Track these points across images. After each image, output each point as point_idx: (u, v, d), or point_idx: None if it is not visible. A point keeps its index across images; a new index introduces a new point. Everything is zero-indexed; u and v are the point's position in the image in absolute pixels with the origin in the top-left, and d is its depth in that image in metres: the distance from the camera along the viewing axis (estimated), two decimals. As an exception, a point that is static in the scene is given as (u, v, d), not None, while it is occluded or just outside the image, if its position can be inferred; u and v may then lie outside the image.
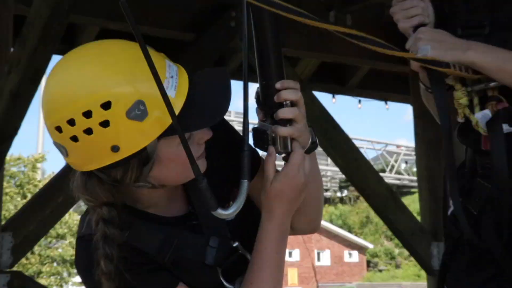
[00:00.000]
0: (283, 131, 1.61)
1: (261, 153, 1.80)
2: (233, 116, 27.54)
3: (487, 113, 1.78)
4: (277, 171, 1.69)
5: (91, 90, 1.46)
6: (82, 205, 30.02)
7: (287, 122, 1.61)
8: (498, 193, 1.77)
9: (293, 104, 1.61)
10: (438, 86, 1.82)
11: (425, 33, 1.82)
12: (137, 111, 1.47)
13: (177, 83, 1.55)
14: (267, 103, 1.64)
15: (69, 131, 1.48)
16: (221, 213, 1.56)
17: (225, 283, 1.75)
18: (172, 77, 1.53)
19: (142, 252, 1.68)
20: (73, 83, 1.49)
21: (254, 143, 1.68)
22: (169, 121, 1.49)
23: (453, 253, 1.95)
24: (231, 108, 5.23)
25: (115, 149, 1.50)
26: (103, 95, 1.45)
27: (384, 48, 1.71)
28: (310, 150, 1.69)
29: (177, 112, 1.46)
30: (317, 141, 1.72)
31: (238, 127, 1.97)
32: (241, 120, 1.72)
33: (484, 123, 1.78)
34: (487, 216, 1.82)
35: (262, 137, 1.64)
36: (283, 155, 1.65)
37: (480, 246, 1.84)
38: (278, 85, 1.64)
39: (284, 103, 1.61)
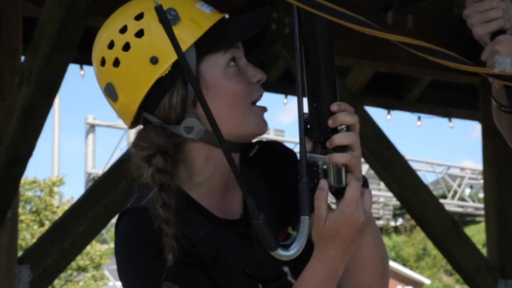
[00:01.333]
0: (339, 158, 1.56)
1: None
2: (272, 133, 27.28)
3: None
4: (329, 207, 1.66)
5: (125, 8, 1.75)
6: (104, 234, 30.80)
7: (342, 150, 1.57)
8: None
9: (348, 129, 1.58)
10: None
11: (505, 44, 1.80)
12: (169, 16, 1.63)
13: (213, 10, 1.74)
14: (318, 129, 1.60)
15: (110, 56, 1.71)
16: (282, 254, 1.54)
17: None
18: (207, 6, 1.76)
19: (186, 238, 1.74)
20: (111, 16, 1.80)
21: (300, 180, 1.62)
22: (204, 29, 1.69)
23: None
24: (270, 125, 5.17)
25: (153, 60, 1.68)
26: (136, 8, 1.72)
27: (455, 62, 1.66)
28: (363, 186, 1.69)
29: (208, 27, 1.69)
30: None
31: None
32: (281, 139, 1.69)
33: None
34: None
35: (312, 170, 1.59)
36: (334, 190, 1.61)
37: None
38: (334, 107, 1.61)
39: (339, 127, 1.57)
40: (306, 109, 1.65)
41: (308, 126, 1.63)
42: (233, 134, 1.77)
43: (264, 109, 1.80)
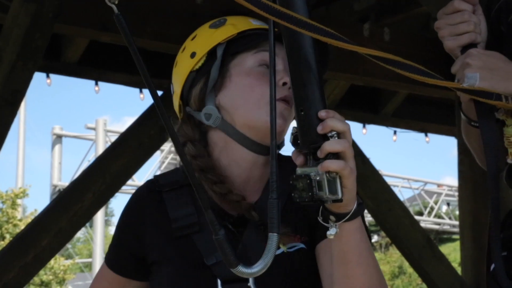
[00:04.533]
0: (331, 164, 1.53)
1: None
2: None
3: None
4: None
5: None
6: (69, 248, 30.46)
7: (335, 157, 1.55)
8: None
9: (339, 136, 1.57)
10: (487, 121, 1.82)
11: (475, 58, 1.80)
12: (217, 23, 2.00)
13: (261, 23, 2.00)
14: (308, 139, 1.58)
15: (175, 60, 2.06)
16: (244, 271, 1.55)
17: None
18: None
19: (165, 213, 1.99)
20: None
21: (294, 197, 1.60)
22: (239, 29, 1.97)
23: None
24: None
25: (192, 55, 1.98)
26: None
27: (425, 76, 1.68)
28: (357, 212, 1.67)
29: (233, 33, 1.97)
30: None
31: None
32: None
33: None
34: None
35: (305, 184, 1.56)
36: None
37: None
38: (322, 113, 1.60)
39: (330, 134, 1.56)
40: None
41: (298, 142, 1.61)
42: (245, 124, 1.93)
43: (283, 105, 1.89)
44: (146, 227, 2.05)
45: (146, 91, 6.96)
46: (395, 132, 8.30)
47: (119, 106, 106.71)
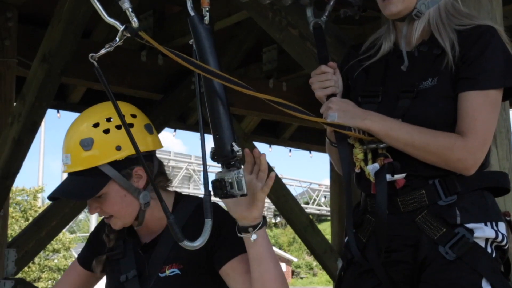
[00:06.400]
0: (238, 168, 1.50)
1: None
2: (194, 159, 26.27)
3: (376, 166, 1.72)
4: None
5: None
6: (73, 226, 29.36)
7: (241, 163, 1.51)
8: (379, 227, 1.73)
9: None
10: (342, 144, 1.78)
11: (335, 103, 1.77)
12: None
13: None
14: (221, 154, 1.51)
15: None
16: (188, 244, 1.45)
17: None
18: None
19: (104, 245, 1.89)
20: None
21: (214, 193, 1.53)
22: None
23: (347, 269, 1.87)
24: (192, 152, 5.16)
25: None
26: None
27: (302, 113, 1.66)
28: (265, 222, 1.65)
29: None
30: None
31: (199, 168, 1.93)
32: (201, 162, 1.64)
33: (373, 173, 1.73)
34: (371, 243, 1.77)
35: (221, 184, 1.50)
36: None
37: (367, 267, 1.79)
38: (255, 152, 1.61)
39: (236, 150, 1.50)
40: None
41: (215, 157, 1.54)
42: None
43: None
44: (103, 247, 1.92)
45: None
46: (290, 150, 8.12)
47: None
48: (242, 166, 1.52)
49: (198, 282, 1.80)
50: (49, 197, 1.76)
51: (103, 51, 1.42)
